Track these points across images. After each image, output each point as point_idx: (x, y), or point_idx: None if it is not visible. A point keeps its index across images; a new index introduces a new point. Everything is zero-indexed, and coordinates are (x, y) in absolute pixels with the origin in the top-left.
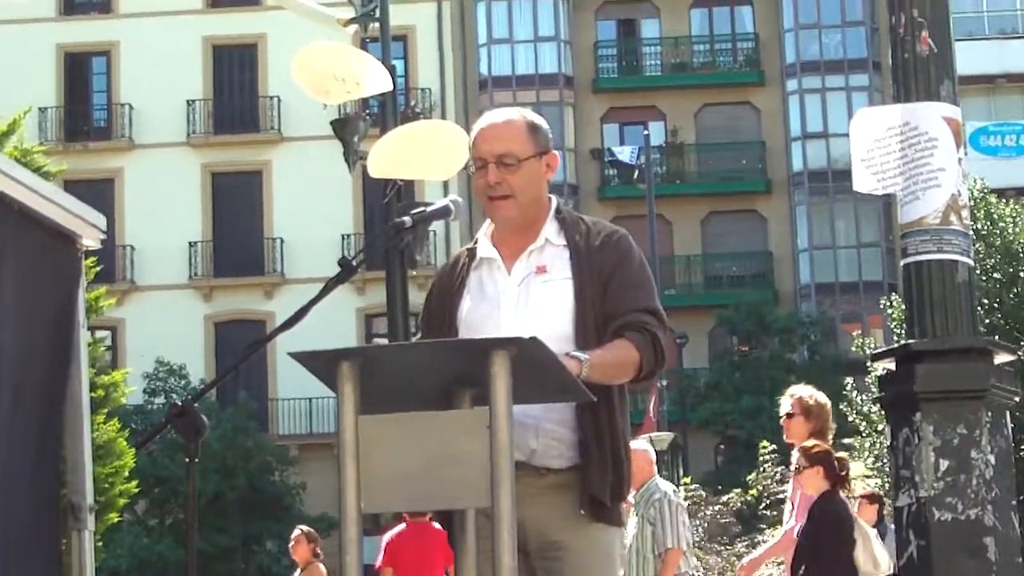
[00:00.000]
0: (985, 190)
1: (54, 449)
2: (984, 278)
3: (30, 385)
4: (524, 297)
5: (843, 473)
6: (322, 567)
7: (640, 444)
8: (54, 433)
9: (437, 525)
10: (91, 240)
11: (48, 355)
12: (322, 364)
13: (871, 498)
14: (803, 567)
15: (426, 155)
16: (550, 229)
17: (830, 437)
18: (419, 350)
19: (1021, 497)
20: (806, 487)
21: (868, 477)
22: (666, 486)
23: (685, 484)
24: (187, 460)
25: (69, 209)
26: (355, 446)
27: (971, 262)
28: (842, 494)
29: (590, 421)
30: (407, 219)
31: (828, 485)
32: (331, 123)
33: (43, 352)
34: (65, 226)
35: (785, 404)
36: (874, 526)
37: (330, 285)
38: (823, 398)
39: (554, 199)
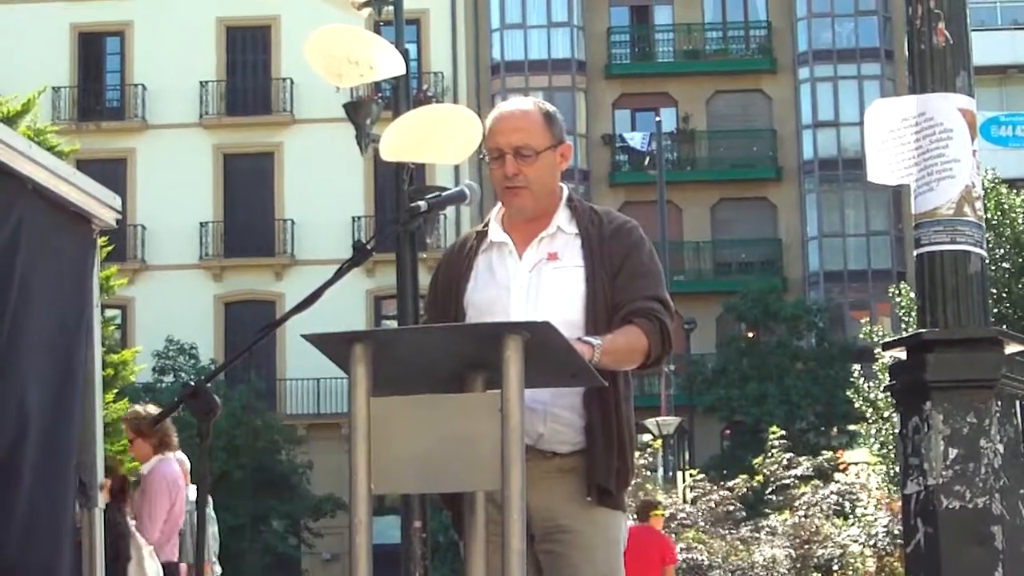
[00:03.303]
0: (996, 180)
1: (72, 428)
2: (993, 268)
3: (49, 365)
4: (535, 283)
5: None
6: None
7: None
8: (72, 412)
9: (659, 529)
10: (106, 220)
11: (65, 334)
12: (335, 346)
13: None
14: None
15: (438, 139)
16: (562, 217)
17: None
18: (432, 333)
19: None
20: None
21: (872, 464)
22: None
23: (691, 474)
24: (198, 440)
25: (85, 189)
26: (367, 428)
27: (984, 253)
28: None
29: (597, 407)
30: (423, 203)
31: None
32: (343, 106)
33: (60, 331)
34: (80, 206)
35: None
36: None
37: (344, 268)
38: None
39: (566, 188)
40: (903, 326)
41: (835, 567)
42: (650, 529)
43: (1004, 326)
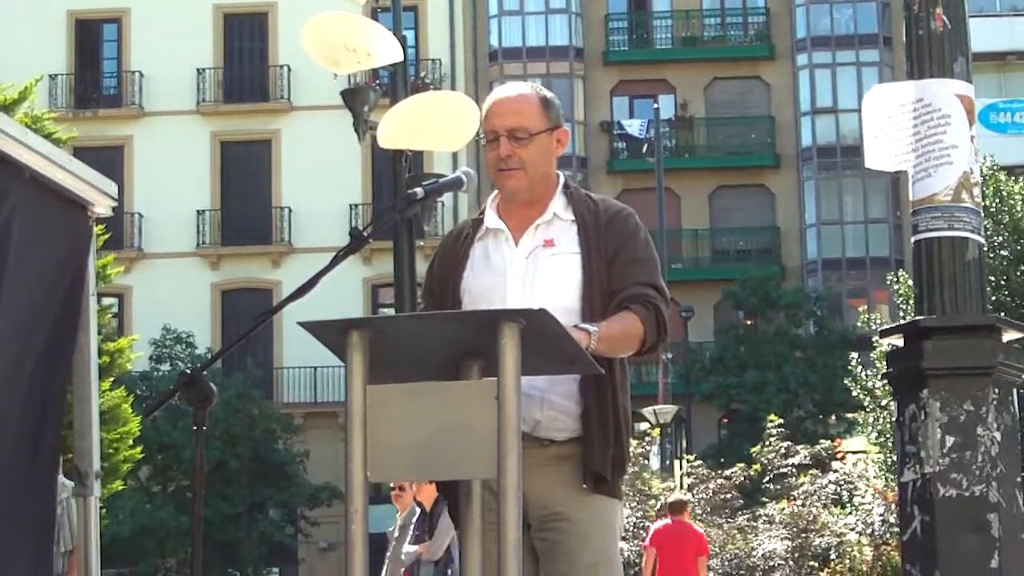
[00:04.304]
0: (994, 167)
1: (57, 417)
2: (992, 255)
3: (37, 352)
4: (531, 269)
5: None
6: None
7: None
8: (58, 401)
9: (696, 526)
10: (102, 208)
11: (56, 323)
12: (331, 334)
13: None
14: None
15: (436, 126)
16: (558, 204)
17: None
18: (428, 320)
19: None
20: None
21: (871, 452)
22: (70, 485)
23: (689, 460)
24: (194, 428)
25: (81, 176)
26: (363, 415)
27: (981, 240)
28: None
29: (593, 394)
30: (419, 190)
31: None
32: (341, 93)
33: (52, 319)
34: (76, 193)
35: None
36: None
37: (340, 255)
38: None
39: (562, 175)
40: (901, 314)
41: (832, 556)
42: (685, 524)
43: (1003, 314)
